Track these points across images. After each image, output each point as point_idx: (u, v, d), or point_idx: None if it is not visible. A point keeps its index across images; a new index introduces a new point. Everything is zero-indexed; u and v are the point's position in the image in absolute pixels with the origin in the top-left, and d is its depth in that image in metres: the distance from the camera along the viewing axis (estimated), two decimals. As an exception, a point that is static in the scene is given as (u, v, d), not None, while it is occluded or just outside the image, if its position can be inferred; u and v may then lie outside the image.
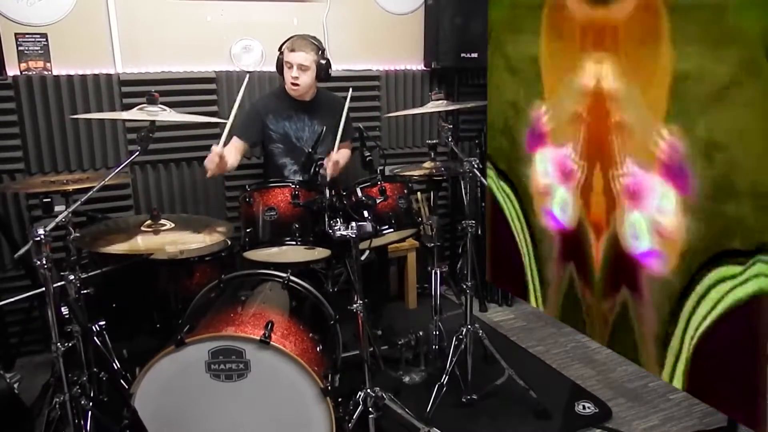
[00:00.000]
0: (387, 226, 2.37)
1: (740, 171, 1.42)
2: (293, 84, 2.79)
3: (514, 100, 2.17)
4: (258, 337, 1.85)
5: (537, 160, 2.11)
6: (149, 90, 1.97)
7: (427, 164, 2.83)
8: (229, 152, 2.70)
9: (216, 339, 1.87)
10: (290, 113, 2.88)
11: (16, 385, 2.25)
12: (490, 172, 2.35)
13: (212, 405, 1.90)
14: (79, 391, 1.87)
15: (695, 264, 1.56)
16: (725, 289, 1.49)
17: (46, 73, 2.89)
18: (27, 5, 2.82)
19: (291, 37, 2.82)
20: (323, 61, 2.81)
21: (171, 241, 2.04)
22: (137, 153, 1.91)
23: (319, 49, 2.82)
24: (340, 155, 2.73)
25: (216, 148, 2.42)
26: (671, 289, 1.64)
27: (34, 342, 3.01)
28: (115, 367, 2.11)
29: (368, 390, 2.06)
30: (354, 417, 2.04)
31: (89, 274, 2.12)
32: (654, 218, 1.67)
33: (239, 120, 2.91)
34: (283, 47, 2.82)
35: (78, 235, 1.95)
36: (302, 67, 2.76)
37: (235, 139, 2.83)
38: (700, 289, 1.56)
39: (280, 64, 2.83)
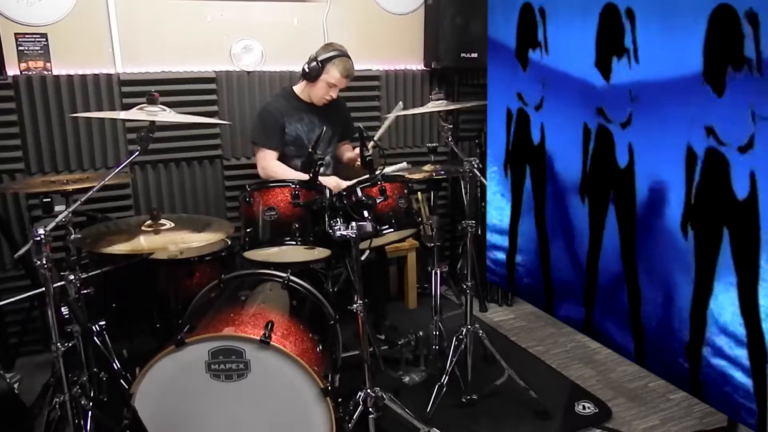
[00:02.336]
0: (387, 226, 2.36)
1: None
2: (327, 100, 2.87)
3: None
4: (258, 337, 1.85)
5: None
6: (149, 90, 1.97)
7: (427, 167, 2.83)
8: (278, 164, 2.86)
9: (216, 339, 1.87)
10: (301, 115, 2.89)
11: (16, 385, 2.26)
12: None
13: (212, 405, 1.90)
14: (79, 391, 1.87)
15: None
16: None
17: (46, 73, 2.89)
18: (27, 5, 2.82)
19: (338, 55, 2.81)
20: None
21: (171, 240, 2.04)
22: (137, 153, 1.91)
23: None
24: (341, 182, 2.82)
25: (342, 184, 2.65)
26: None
27: (34, 342, 3.01)
28: (115, 367, 2.11)
29: (368, 390, 2.05)
30: (354, 417, 2.03)
31: (89, 274, 2.12)
32: None
33: (260, 130, 2.91)
34: (328, 62, 2.79)
35: (79, 236, 1.95)
36: (343, 89, 2.86)
37: (268, 152, 2.86)
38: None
39: (317, 74, 2.80)
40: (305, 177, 2.62)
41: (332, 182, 2.74)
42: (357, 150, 2.73)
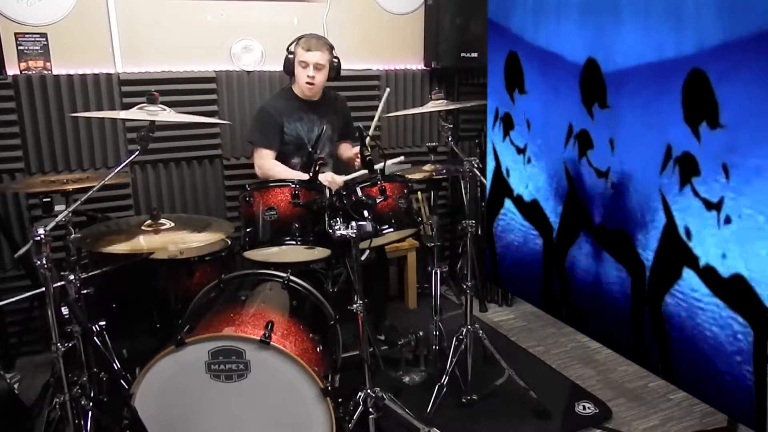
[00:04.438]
0: (387, 226, 2.36)
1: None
2: (309, 83, 2.79)
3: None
4: (258, 338, 1.85)
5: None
6: (149, 89, 1.97)
7: (427, 167, 2.83)
8: (276, 164, 2.82)
9: (216, 339, 1.87)
10: (301, 114, 2.87)
11: (16, 385, 2.26)
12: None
13: (212, 405, 1.90)
14: (79, 391, 1.87)
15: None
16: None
17: (46, 72, 2.88)
18: (27, 5, 2.81)
19: (300, 37, 2.81)
20: (335, 60, 2.85)
21: (171, 240, 2.04)
22: (137, 153, 1.91)
23: (332, 47, 2.84)
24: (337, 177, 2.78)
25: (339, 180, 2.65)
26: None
27: (34, 342, 3.01)
28: (115, 367, 2.10)
29: (368, 390, 2.05)
30: (354, 417, 2.03)
31: (89, 274, 2.12)
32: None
33: (257, 130, 2.88)
34: (295, 47, 2.80)
35: (79, 236, 1.95)
36: (318, 66, 2.77)
37: (265, 151, 2.83)
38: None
39: (290, 64, 2.81)
40: (304, 176, 2.62)
41: (327, 178, 2.71)
42: (356, 149, 2.71)
